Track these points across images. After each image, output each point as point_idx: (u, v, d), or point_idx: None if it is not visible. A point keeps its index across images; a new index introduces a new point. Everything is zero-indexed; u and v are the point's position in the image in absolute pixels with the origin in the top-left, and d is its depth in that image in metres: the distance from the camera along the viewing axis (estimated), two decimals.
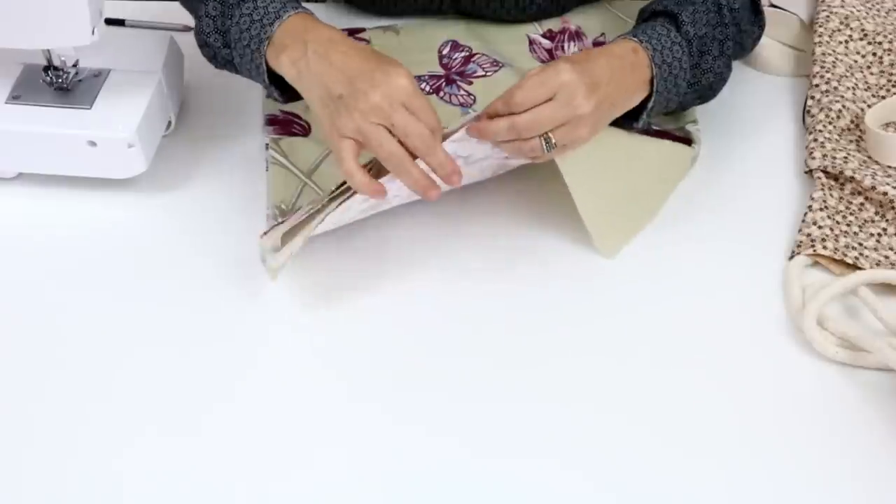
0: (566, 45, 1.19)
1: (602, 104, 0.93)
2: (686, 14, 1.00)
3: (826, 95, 1.11)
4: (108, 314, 0.98)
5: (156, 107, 1.05)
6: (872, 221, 1.04)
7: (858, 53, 1.16)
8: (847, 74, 1.13)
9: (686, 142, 1.08)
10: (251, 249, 1.01)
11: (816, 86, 1.12)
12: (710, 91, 1.04)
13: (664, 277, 1.00)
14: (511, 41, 1.19)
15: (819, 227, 1.01)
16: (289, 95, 1.00)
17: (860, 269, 0.99)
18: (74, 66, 1.05)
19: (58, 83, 1.05)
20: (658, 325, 0.96)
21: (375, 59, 0.91)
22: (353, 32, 1.18)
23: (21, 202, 1.07)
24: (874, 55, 1.16)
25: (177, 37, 1.12)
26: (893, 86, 1.14)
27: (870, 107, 1.11)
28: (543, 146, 0.91)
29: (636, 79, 0.97)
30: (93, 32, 0.98)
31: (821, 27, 1.16)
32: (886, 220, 1.03)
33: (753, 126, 1.13)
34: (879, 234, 1.02)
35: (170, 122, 1.10)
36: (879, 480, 0.86)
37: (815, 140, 1.08)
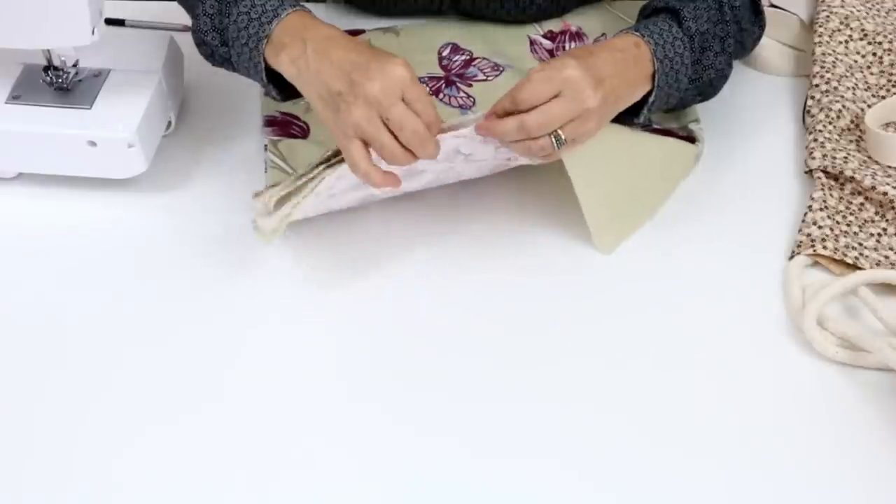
0: (567, 46, 1.18)
1: (608, 97, 0.93)
2: (688, 10, 1.00)
3: (826, 95, 1.11)
4: (108, 314, 0.98)
5: (156, 107, 1.05)
6: (872, 221, 1.04)
7: (858, 53, 1.16)
8: (847, 74, 1.13)
9: (689, 140, 1.08)
10: (251, 249, 1.01)
11: (816, 86, 1.12)
12: (711, 88, 1.04)
13: (664, 277, 1.00)
14: (512, 42, 1.18)
15: (819, 227, 1.01)
16: (286, 94, 1.00)
17: (860, 269, 0.99)
18: (74, 66, 1.05)
19: (58, 83, 1.05)
20: (658, 325, 0.96)
21: (372, 53, 0.91)
22: (353, 34, 1.18)
23: (21, 202, 1.07)
24: (874, 55, 1.16)
25: (177, 37, 1.12)
26: (893, 86, 1.14)
27: (870, 107, 1.11)
28: (553, 143, 0.91)
29: (638, 73, 0.97)
30: (93, 32, 0.98)
31: (821, 27, 1.16)
32: (886, 220, 1.03)
33: (753, 126, 1.13)
34: (879, 234, 1.02)
35: (170, 122, 1.10)
36: (879, 480, 0.86)
37: (815, 140, 1.08)
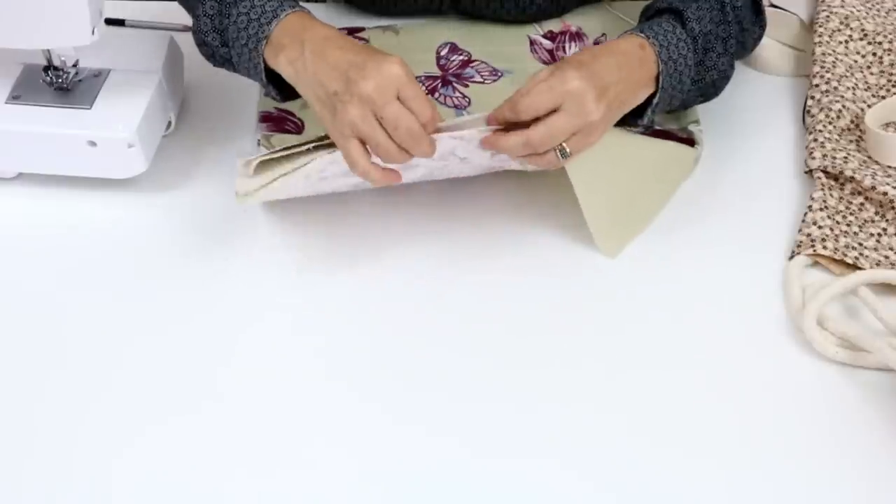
0: (567, 46, 1.18)
1: (612, 104, 0.93)
2: (691, 11, 1.00)
3: (826, 95, 1.11)
4: (108, 314, 0.98)
5: (156, 107, 1.05)
6: (872, 221, 1.04)
7: (858, 53, 1.16)
8: (847, 74, 1.13)
9: (689, 142, 1.08)
10: (251, 249, 1.01)
11: (816, 86, 1.12)
12: (714, 89, 1.04)
13: (663, 277, 1.00)
14: (512, 42, 1.18)
15: (819, 227, 1.01)
16: (287, 94, 1.00)
17: (860, 269, 0.98)
18: (74, 66, 1.05)
19: (58, 83, 1.05)
20: (658, 325, 0.96)
21: (369, 52, 0.91)
22: (353, 32, 1.18)
23: (21, 202, 1.07)
24: (874, 55, 1.16)
25: (177, 37, 1.12)
26: (893, 86, 1.14)
27: (870, 107, 1.11)
28: (558, 156, 0.92)
29: (643, 75, 0.97)
30: (93, 32, 0.98)
31: (821, 27, 1.16)
32: (886, 220, 1.03)
33: (753, 126, 1.13)
34: (879, 234, 1.02)
35: (170, 122, 1.10)
36: (879, 480, 0.86)
37: (815, 140, 1.08)
